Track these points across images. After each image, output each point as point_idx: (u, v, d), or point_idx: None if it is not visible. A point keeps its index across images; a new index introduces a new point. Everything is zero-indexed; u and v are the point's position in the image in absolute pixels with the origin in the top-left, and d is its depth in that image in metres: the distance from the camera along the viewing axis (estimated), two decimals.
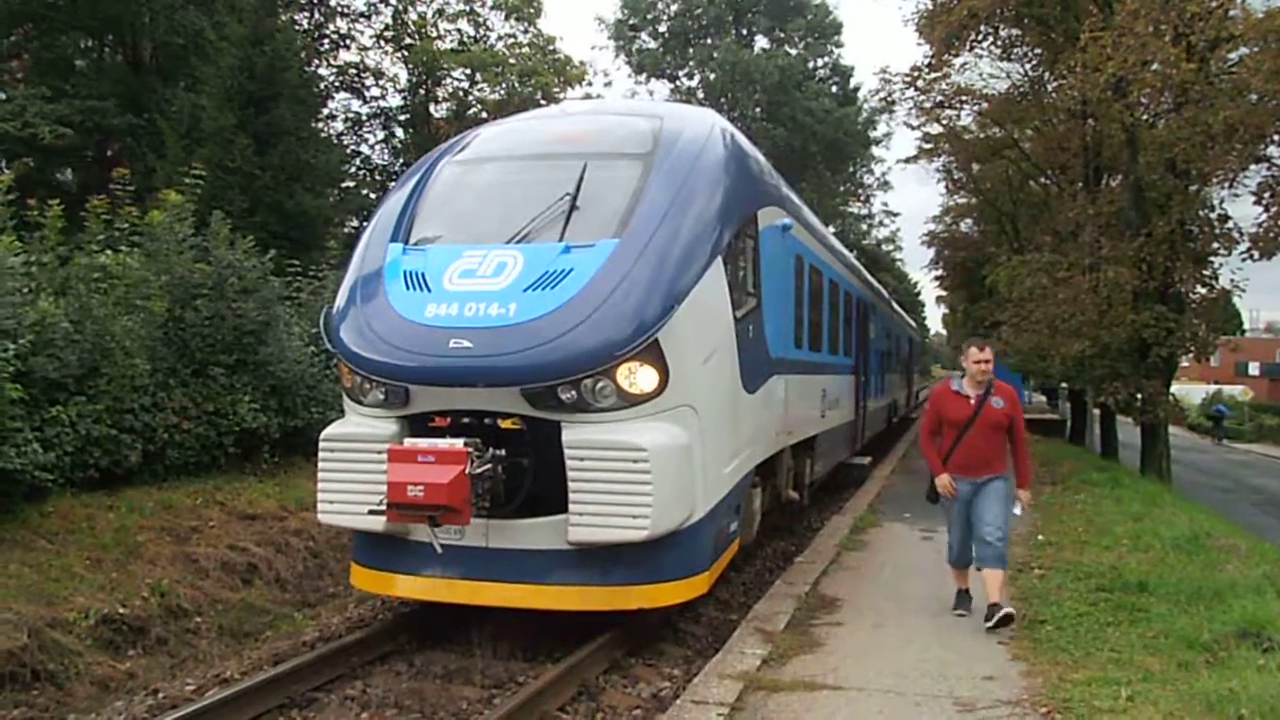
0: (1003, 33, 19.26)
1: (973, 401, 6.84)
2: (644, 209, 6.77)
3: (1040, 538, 10.19)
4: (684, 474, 6.37)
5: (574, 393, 6.23)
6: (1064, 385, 30.61)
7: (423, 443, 6.13)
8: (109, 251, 11.11)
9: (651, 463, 6.07)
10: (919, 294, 74.13)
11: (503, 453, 6.31)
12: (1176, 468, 21.57)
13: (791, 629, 6.58)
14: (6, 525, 8.11)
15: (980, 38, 18.86)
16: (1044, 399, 45.35)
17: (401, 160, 26.39)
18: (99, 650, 7.16)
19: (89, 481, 9.35)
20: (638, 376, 6.31)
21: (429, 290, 6.56)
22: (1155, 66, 14.50)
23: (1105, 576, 8.13)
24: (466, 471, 5.92)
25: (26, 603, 7.12)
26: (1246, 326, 71.41)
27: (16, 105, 18.96)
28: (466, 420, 6.48)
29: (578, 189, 6.93)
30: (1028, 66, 20.98)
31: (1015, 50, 20.00)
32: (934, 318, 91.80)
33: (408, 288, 6.65)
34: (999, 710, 5.19)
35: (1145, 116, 16.49)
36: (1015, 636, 6.56)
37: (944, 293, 53.71)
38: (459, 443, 6.07)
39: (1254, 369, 69.47)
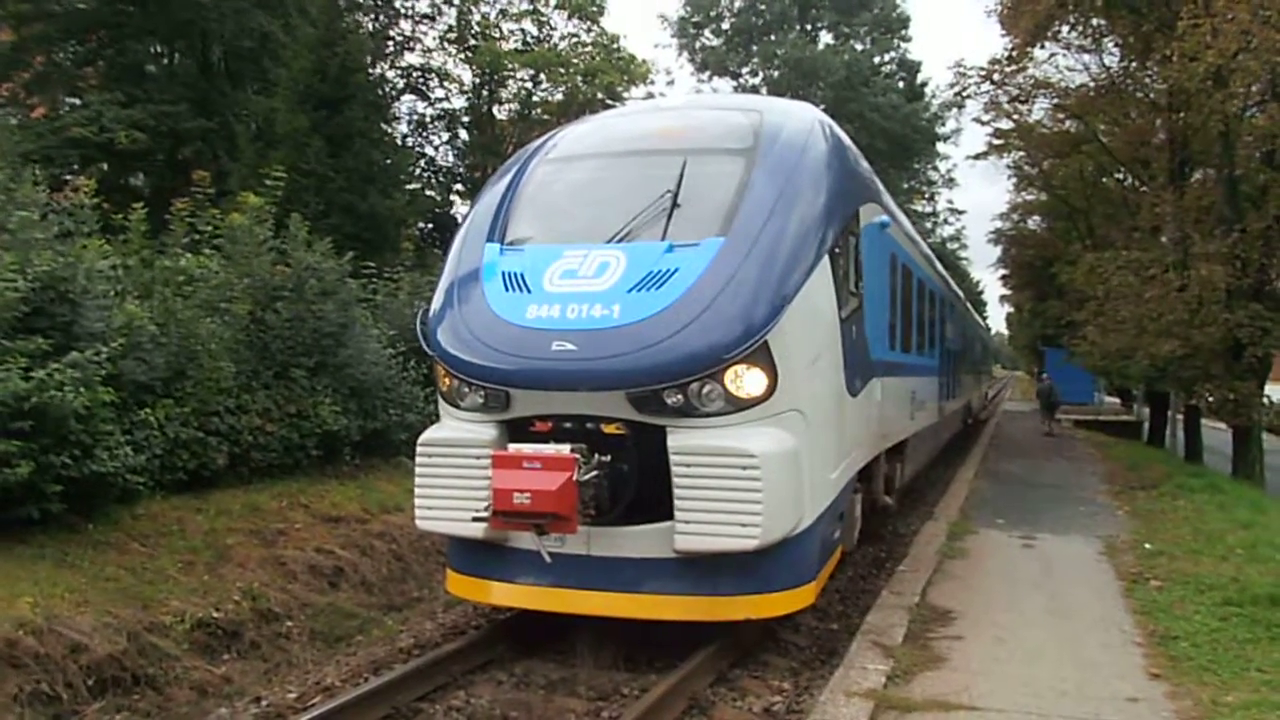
0: (1091, 23, 18.57)
1: None
2: (749, 206, 6.53)
3: (1148, 546, 9.77)
4: (793, 481, 6.12)
5: (680, 397, 6.01)
6: (1141, 387, 29.60)
7: (528, 448, 5.95)
8: (189, 255, 11.18)
9: (762, 469, 5.84)
10: (982, 292, 72.91)
11: (607, 458, 6.11)
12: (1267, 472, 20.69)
13: (910, 643, 6.29)
14: (100, 528, 8.13)
15: (1069, 28, 18.21)
16: (1117, 400, 44.08)
17: (466, 161, 26.46)
18: (195, 654, 7.14)
19: (177, 484, 9.37)
20: (746, 380, 6.08)
21: (529, 291, 6.38)
22: (1241, 57, 13.80)
23: (1228, 589, 7.76)
24: (575, 478, 5.73)
25: (124, 606, 7.11)
26: None
27: (93, 111, 19.34)
28: (568, 425, 6.29)
29: (679, 186, 6.70)
30: (1111, 59, 20.29)
31: (1103, 41, 19.27)
32: (995, 317, 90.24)
33: (507, 289, 6.48)
34: None
35: (1241, 107, 15.76)
36: (1150, 653, 6.21)
37: (1008, 291, 52.69)
38: (566, 449, 5.88)
39: None
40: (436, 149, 28.38)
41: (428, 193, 26.53)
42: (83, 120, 18.98)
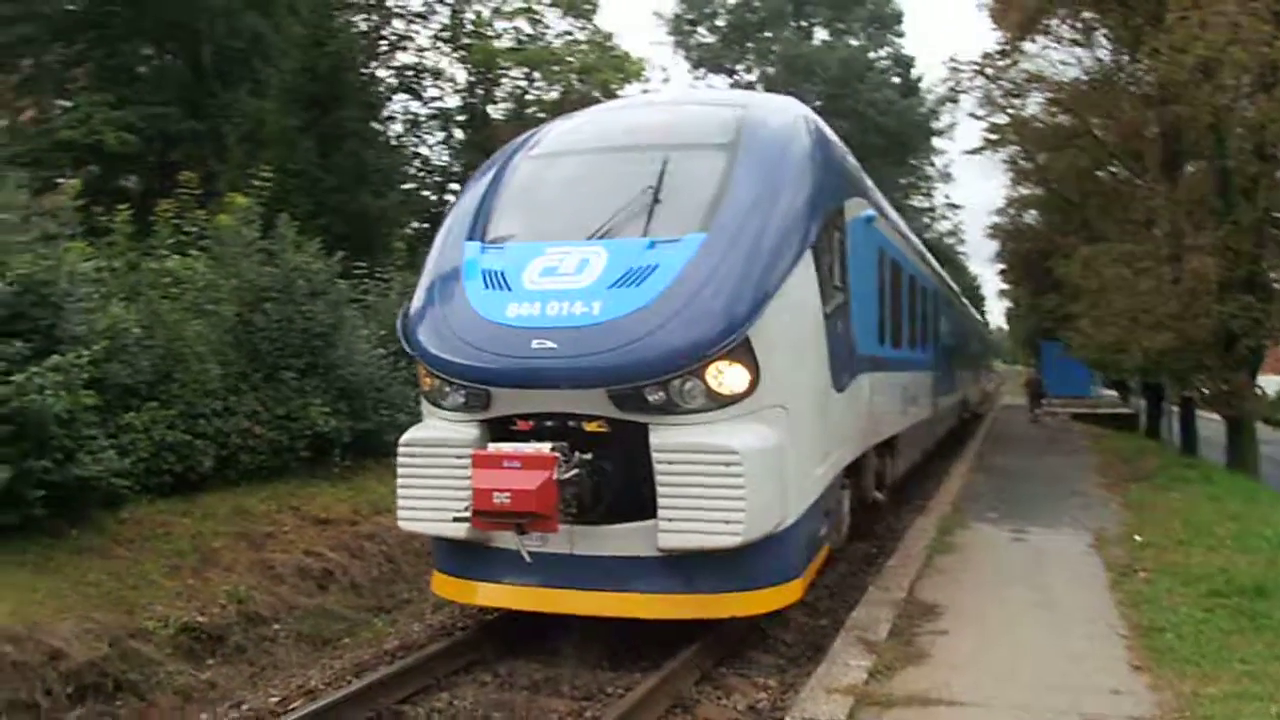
0: (1081, 16, 18.51)
1: None
2: (730, 201, 6.50)
3: (1138, 538, 9.73)
4: (777, 477, 6.09)
5: (662, 394, 5.98)
6: (1137, 379, 29.68)
7: (508, 447, 5.92)
8: (176, 256, 11.12)
9: (744, 466, 5.81)
10: (979, 287, 72.94)
11: (589, 457, 6.07)
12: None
13: (894, 638, 6.27)
14: (84, 533, 8.05)
15: (1059, 21, 18.15)
16: (1114, 393, 44.14)
17: (461, 161, 26.35)
18: (179, 659, 7.07)
19: (163, 488, 9.29)
20: (727, 376, 6.06)
21: (509, 289, 6.35)
22: (1230, 49, 13.72)
23: (1215, 580, 7.74)
24: (554, 477, 5.70)
25: (107, 611, 7.05)
26: None
27: (82, 113, 19.21)
28: (550, 423, 6.26)
29: (660, 181, 6.67)
30: (1102, 52, 20.21)
31: (1093, 34, 19.20)
32: (994, 312, 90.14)
33: (487, 287, 6.45)
34: None
35: (1231, 99, 15.71)
36: (1133, 645, 6.20)
37: (1007, 286, 52.64)
38: (546, 447, 5.85)
39: None
40: (431, 148, 28.43)
41: (422, 192, 26.44)
42: (73, 122, 18.85)
